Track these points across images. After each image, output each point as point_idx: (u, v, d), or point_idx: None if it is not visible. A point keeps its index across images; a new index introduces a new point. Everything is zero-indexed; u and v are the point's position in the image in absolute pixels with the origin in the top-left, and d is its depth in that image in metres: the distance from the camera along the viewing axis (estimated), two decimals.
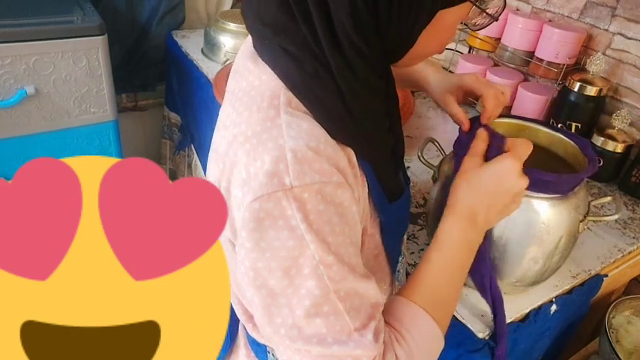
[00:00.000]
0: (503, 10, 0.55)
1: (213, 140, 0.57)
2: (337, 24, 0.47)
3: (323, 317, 0.46)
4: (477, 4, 0.51)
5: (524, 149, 0.59)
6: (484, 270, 0.68)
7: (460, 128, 0.72)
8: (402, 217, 0.65)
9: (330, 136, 0.49)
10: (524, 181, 0.58)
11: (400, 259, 0.70)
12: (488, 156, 0.61)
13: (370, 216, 0.57)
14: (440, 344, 0.54)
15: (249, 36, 0.55)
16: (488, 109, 0.69)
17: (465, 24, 0.56)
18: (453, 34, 0.55)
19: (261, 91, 0.50)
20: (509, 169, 0.57)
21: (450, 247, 0.57)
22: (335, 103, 0.49)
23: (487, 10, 0.54)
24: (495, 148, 0.61)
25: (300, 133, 0.47)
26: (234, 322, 0.69)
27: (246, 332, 0.69)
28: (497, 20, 0.56)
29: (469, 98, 0.76)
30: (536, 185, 0.66)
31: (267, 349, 0.66)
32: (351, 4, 0.45)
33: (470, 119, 0.70)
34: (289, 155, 0.45)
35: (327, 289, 0.46)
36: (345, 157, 0.50)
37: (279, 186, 0.45)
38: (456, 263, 0.57)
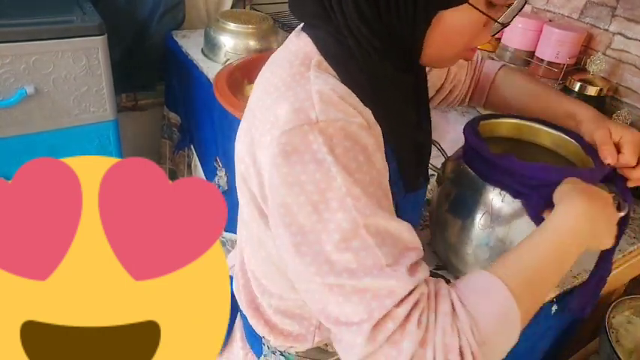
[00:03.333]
0: (520, 11, 0.53)
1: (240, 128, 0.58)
2: (348, 15, 0.49)
3: (353, 252, 0.45)
4: (478, 8, 0.49)
5: None
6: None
7: (464, 131, 0.72)
8: (413, 212, 0.66)
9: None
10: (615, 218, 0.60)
11: None
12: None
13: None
14: (514, 329, 0.47)
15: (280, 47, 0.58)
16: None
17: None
18: (474, 39, 0.53)
19: (296, 53, 0.53)
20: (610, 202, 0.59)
21: (556, 230, 0.54)
22: (364, 86, 0.52)
23: (506, 13, 0.52)
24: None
25: (328, 83, 0.49)
26: (231, 314, 0.69)
27: (243, 324, 0.70)
28: (506, 26, 0.54)
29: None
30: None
31: (263, 340, 0.66)
32: None
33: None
34: (315, 96, 0.47)
35: (355, 223, 0.45)
36: (369, 112, 0.51)
37: (305, 120, 0.46)
38: (560, 249, 0.53)
